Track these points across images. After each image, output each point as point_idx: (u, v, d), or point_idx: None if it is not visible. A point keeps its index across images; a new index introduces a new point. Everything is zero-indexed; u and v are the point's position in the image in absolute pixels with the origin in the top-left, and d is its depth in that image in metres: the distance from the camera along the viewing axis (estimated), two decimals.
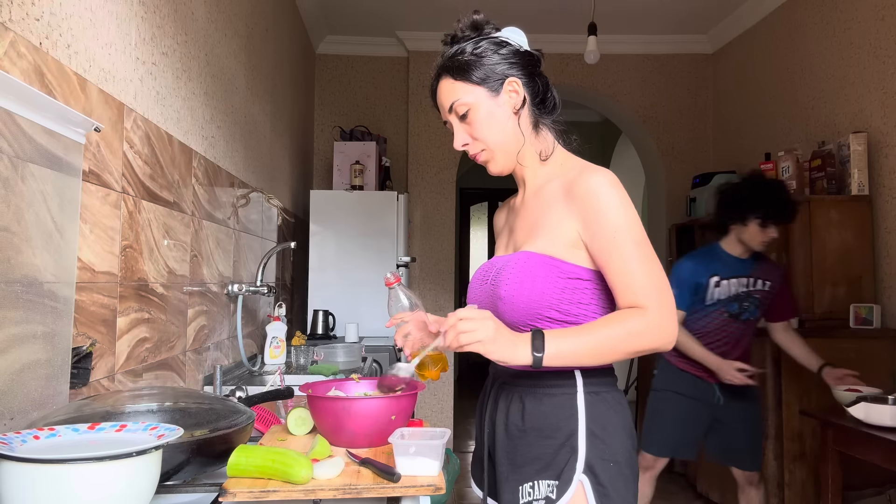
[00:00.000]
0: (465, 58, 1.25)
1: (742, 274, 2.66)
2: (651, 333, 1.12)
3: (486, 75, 1.25)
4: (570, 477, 1.17)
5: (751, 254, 2.67)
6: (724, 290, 2.65)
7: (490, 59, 1.25)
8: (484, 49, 1.26)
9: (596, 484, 1.17)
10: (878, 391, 2.44)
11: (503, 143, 1.27)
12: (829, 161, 3.28)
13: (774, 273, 2.70)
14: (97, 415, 1.15)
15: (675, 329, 1.14)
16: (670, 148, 4.98)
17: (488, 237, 8.87)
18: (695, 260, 2.73)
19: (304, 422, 1.53)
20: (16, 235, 1.07)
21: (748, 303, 2.66)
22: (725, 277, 2.65)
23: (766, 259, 2.74)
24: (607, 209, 1.16)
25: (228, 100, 2.55)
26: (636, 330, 1.12)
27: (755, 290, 2.66)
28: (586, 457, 1.18)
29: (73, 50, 1.36)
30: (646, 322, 1.12)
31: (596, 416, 1.20)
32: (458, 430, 5.47)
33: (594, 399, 1.22)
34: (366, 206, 3.99)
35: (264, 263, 2.69)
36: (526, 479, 1.21)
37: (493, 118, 1.25)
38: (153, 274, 1.76)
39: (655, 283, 1.14)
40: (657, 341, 1.13)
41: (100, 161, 1.45)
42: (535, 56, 1.30)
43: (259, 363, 2.66)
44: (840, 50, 3.50)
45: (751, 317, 2.68)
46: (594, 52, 3.66)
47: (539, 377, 1.24)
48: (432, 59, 1.36)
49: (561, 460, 1.19)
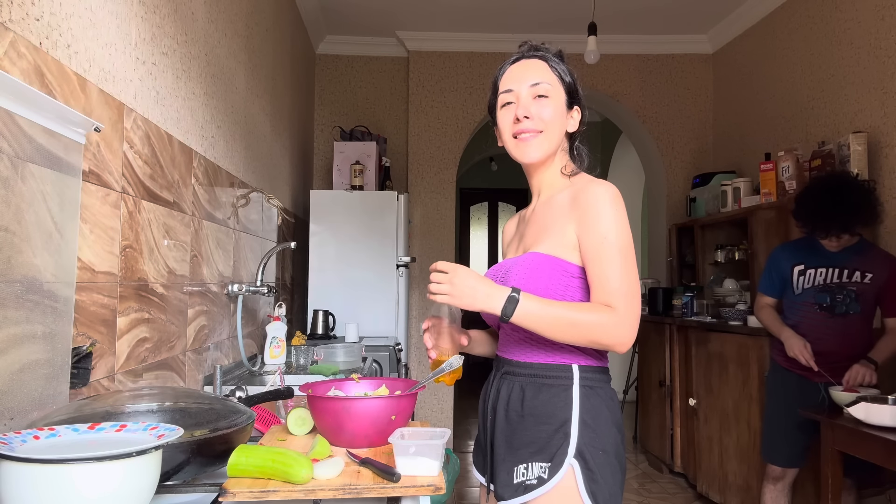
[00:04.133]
0: (565, 66, 1.44)
1: (832, 265, 2.60)
2: (609, 329, 1.23)
3: (571, 91, 1.43)
4: (562, 460, 1.26)
5: (853, 244, 2.60)
6: (809, 279, 2.60)
7: (577, 86, 1.45)
8: (569, 76, 1.45)
9: (585, 468, 1.25)
10: (877, 391, 2.44)
11: (555, 136, 1.40)
12: (829, 161, 3.28)
13: (880, 263, 2.59)
14: (97, 415, 1.15)
15: (630, 335, 1.24)
16: (670, 148, 4.98)
17: (488, 237, 8.87)
18: (785, 247, 2.74)
19: (304, 422, 1.53)
20: (16, 235, 1.07)
21: (842, 295, 2.58)
22: (811, 267, 2.62)
23: (871, 249, 2.64)
24: (602, 215, 1.28)
25: (228, 100, 2.55)
26: (598, 322, 1.23)
27: (850, 282, 2.58)
28: (577, 443, 1.26)
29: (73, 50, 1.36)
30: (609, 318, 1.23)
31: (589, 407, 1.29)
32: (458, 430, 5.47)
33: (588, 392, 1.31)
34: (366, 206, 3.99)
35: (264, 263, 2.69)
36: (521, 461, 1.30)
37: (560, 114, 1.40)
38: (153, 274, 1.76)
39: (628, 290, 1.25)
40: (612, 338, 1.23)
41: (100, 161, 1.45)
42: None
43: (259, 363, 2.66)
44: (840, 50, 3.50)
45: (850, 311, 2.59)
46: (594, 52, 3.66)
47: (539, 368, 1.34)
48: (432, 58, 1.41)
49: (554, 445, 1.27)
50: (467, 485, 4.15)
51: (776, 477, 2.75)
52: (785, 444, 2.73)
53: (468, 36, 4.80)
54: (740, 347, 3.41)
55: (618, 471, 1.30)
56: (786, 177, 3.45)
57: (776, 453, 2.76)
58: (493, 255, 8.83)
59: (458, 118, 4.90)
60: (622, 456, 1.32)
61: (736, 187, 4.00)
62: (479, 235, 8.86)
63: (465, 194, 8.49)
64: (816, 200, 2.59)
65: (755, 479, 3.19)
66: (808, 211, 2.62)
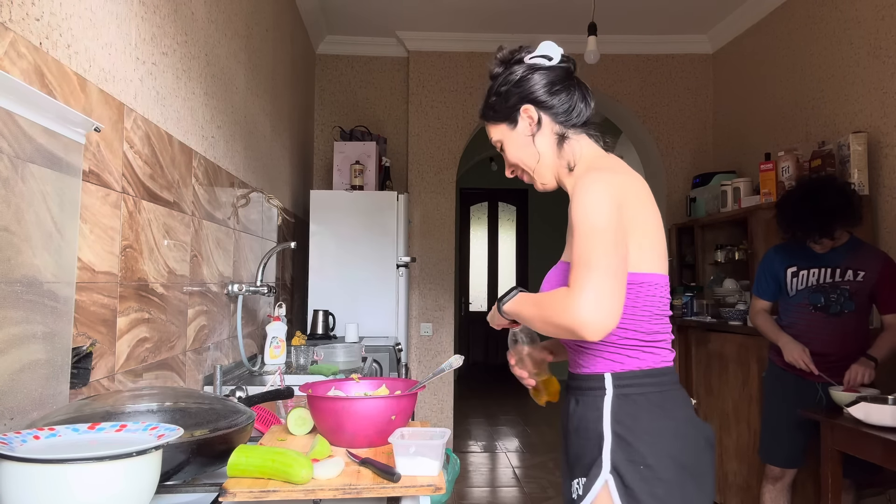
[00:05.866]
0: (489, 101, 1.40)
1: (824, 265, 2.61)
2: (560, 311, 1.14)
3: (505, 113, 1.37)
4: (596, 475, 1.21)
5: (842, 243, 2.61)
6: (803, 280, 2.61)
7: (506, 96, 1.36)
8: (500, 87, 1.38)
9: (621, 485, 1.19)
10: (877, 391, 2.44)
11: (532, 164, 1.37)
12: (829, 161, 3.28)
13: (871, 261, 2.59)
14: (97, 415, 1.15)
15: (586, 314, 1.10)
16: (670, 148, 4.98)
17: (488, 237, 8.87)
18: (777, 250, 2.74)
19: (304, 422, 1.53)
20: (16, 235, 1.07)
21: (836, 295, 2.58)
22: (804, 268, 2.62)
23: (862, 247, 2.64)
24: (574, 209, 1.21)
25: (228, 100, 2.55)
26: (551, 300, 1.18)
27: (843, 281, 2.59)
28: (611, 458, 1.20)
29: (74, 50, 1.36)
30: (560, 300, 1.16)
31: (622, 417, 1.22)
32: (458, 430, 5.47)
33: (622, 401, 1.23)
34: (366, 206, 3.99)
35: (264, 263, 2.69)
36: (573, 477, 1.28)
37: (518, 145, 1.37)
38: (153, 274, 1.76)
39: (585, 267, 1.13)
40: (565, 319, 1.13)
41: (100, 161, 1.45)
42: (560, 69, 1.36)
43: (259, 363, 2.66)
44: (840, 50, 3.50)
45: (845, 309, 2.59)
46: (594, 52, 3.66)
47: (580, 380, 1.30)
48: (432, 58, 1.41)
49: (590, 460, 1.23)
50: (467, 485, 4.15)
51: (775, 477, 2.75)
52: (783, 444, 2.73)
53: (468, 36, 4.80)
54: (740, 347, 3.41)
55: (675, 486, 1.18)
56: (786, 177, 3.45)
57: (775, 454, 2.76)
58: (493, 255, 8.83)
59: (458, 118, 4.90)
60: (691, 467, 1.21)
61: (736, 187, 4.00)
62: (479, 235, 8.86)
63: (465, 194, 8.48)
64: (795, 206, 2.60)
65: (755, 479, 3.19)
66: (787, 217, 2.63)
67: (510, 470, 4.54)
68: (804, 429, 2.66)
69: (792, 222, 2.60)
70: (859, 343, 2.62)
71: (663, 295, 1.27)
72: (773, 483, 2.76)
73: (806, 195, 2.60)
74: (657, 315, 1.25)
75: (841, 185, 2.62)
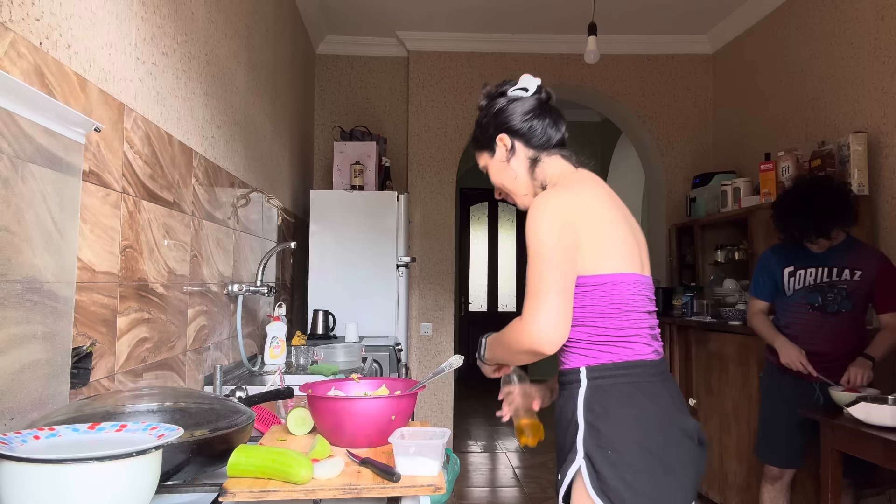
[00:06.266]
0: (475, 132, 1.56)
1: (821, 264, 2.61)
2: (517, 340, 1.29)
3: (484, 142, 1.52)
4: (571, 461, 1.28)
5: (839, 243, 2.61)
6: (800, 280, 2.61)
7: (486, 127, 1.51)
8: (482, 119, 1.52)
9: (592, 470, 1.25)
10: (877, 391, 2.44)
11: (511, 186, 1.51)
12: (829, 161, 3.28)
13: (868, 260, 2.59)
14: (97, 415, 1.15)
15: (539, 331, 1.24)
16: (670, 148, 4.98)
17: (488, 237, 8.87)
18: (774, 250, 2.74)
19: (304, 422, 1.53)
20: (16, 235, 1.07)
21: (833, 294, 2.58)
22: (801, 268, 2.63)
23: (859, 246, 2.64)
24: (528, 224, 1.32)
25: (228, 100, 2.55)
26: (510, 337, 1.32)
27: (840, 280, 2.59)
28: (584, 445, 1.27)
29: (74, 50, 1.36)
30: (515, 331, 1.30)
31: (593, 405, 1.29)
32: (458, 430, 5.47)
33: (595, 391, 1.30)
34: (366, 206, 3.99)
35: (264, 263, 2.69)
36: (558, 466, 1.36)
37: (497, 170, 1.52)
38: (153, 274, 1.76)
39: (532, 293, 1.27)
40: (526, 342, 1.26)
41: (100, 161, 1.45)
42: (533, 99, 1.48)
43: (259, 363, 2.66)
44: (840, 50, 3.50)
45: (842, 309, 2.60)
46: (594, 52, 3.66)
47: (561, 375, 1.39)
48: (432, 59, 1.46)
49: (568, 448, 1.31)
50: (467, 485, 4.15)
51: (774, 477, 2.75)
52: (782, 444, 2.73)
53: (468, 36, 4.80)
54: (740, 347, 3.41)
55: (641, 471, 1.22)
56: (786, 177, 3.45)
57: (773, 454, 2.76)
58: (493, 256, 8.83)
59: (458, 118, 4.90)
60: (651, 453, 1.24)
61: (736, 187, 4.00)
62: (479, 235, 8.86)
63: (465, 194, 8.48)
64: (791, 207, 2.60)
65: (755, 479, 3.19)
66: (783, 218, 2.63)
67: (510, 470, 4.54)
68: (802, 429, 2.66)
69: (788, 223, 2.61)
70: (856, 342, 2.62)
71: (633, 292, 1.32)
72: (773, 483, 2.76)
73: (802, 195, 2.60)
74: (627, 312, 1.31)
75: (837, 186, 2.62)
